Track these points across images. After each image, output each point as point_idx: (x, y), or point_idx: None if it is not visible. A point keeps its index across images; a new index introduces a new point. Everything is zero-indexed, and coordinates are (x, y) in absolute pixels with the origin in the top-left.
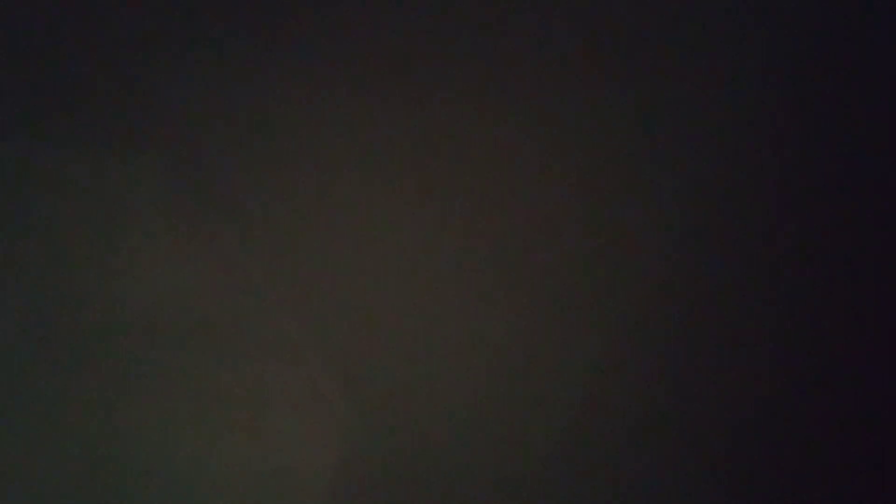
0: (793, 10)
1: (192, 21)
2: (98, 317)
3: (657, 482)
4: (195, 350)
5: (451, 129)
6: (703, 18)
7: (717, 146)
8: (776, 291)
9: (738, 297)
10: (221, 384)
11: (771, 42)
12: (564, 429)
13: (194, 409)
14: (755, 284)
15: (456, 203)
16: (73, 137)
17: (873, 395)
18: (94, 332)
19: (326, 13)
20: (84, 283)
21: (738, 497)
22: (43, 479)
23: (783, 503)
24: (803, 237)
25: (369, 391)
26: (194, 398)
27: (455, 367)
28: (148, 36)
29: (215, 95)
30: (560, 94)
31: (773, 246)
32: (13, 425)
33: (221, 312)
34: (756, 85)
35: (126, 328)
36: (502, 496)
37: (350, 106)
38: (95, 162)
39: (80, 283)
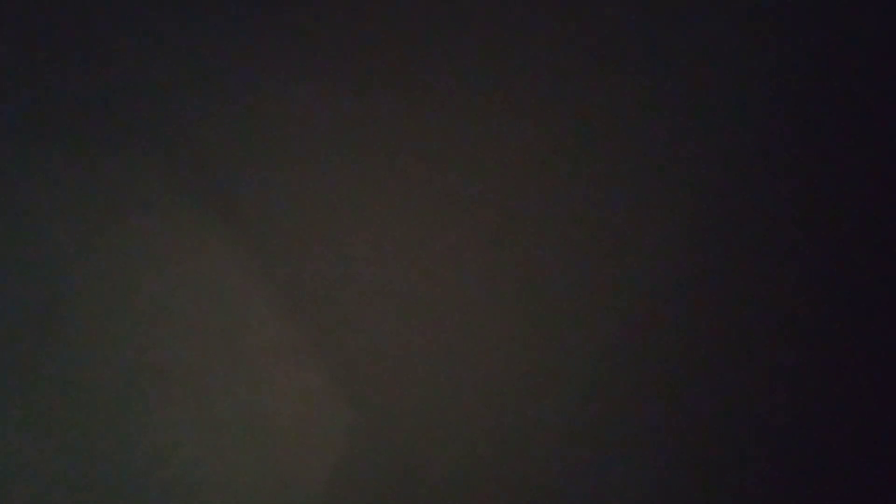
0: (799, 10)
1: (191, 18)
2: (95, 317)
3: (659, 484)
4: (194, 350)
5: (454, 129)
6: (709, 17)
7: (723, 148)
8: (780, 293)
9: (743, 300)
10: (220, 384)
11: (778, 43)
12: (567, 430)
13: (193, 408)
14: (760, 287)
15: (458, 204)
16: (69, 135)
17: (875, 396)
18: (92, 332)
19: (327, 10)
20: (81, 282)
21: (740, 498)
22: (40, 479)
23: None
24: (809, 240)
25: (369, 391)
26: (193, 398)
27: (456, 368)
28: (146, 32)
29: (215, 94)
30: (563, 95)
31: (779, 248)
32: (11, 425)
33: (220, 312)
34: (762, 85)
35: (123, 328)
36: (503, 497)
37: (353, 105)
38: (92, 160)
39: (77, 282)
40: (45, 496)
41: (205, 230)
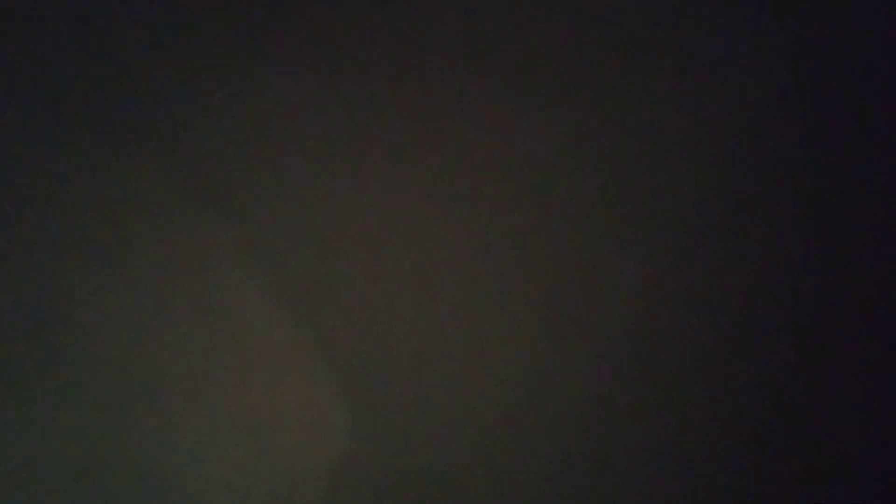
0: (800, 10)
1: (192, 19)
2: (97, 317)
3: (658, 484)
4: (194, 350)
5: (455, 130)
6: (711, 16)
7: (725, 148)
8: (780, 293)
9: (744, 300)
10: (221, 385)
11: (779, 42)
12: (566, 431)
13: (194, 409)
14: (762, 287)
15: (459, 205)
16: (70, 137)
17: (875, 397)
18: (93, 331)
19: (327, 11)
20: (83, 282)
21: (739, 499)
22: (40, 480)
23: None
24: (809, 240)
25: (369, 393)
26: (194, 399)
27: (456, 370)
28: (146, 34)
29: (217, 95)
30: (563, 95)
31: (780, 249)
32: (12, 426)
33: (221, 313)
34: (764, 85)
35: (125, 328)
36: (502, 498)
37: (354, 106)
38: (93, 162)
39: (78, 282)
40: (44, 496)
41: (205, 232)
